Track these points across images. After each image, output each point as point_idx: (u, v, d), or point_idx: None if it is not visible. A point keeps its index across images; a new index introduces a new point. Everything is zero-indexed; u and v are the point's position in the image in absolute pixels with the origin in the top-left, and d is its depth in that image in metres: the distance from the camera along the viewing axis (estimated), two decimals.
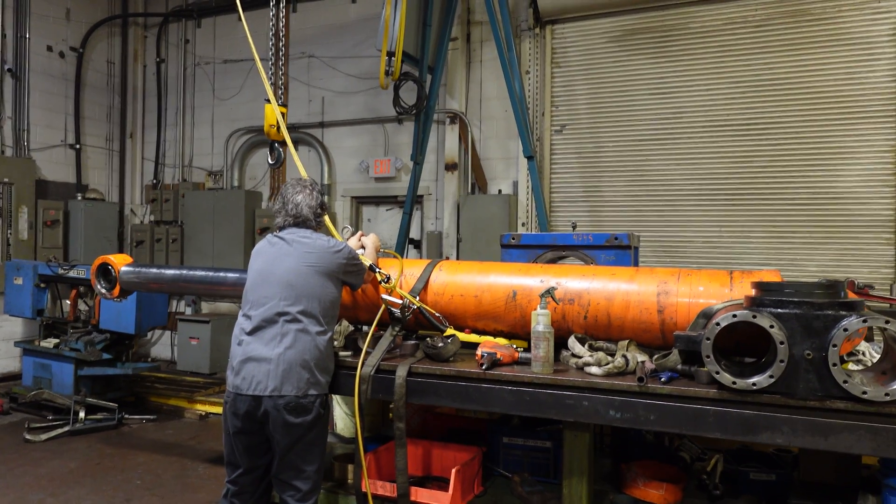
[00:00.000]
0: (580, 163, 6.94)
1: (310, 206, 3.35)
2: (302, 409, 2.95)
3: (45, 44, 8.75)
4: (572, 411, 2.72)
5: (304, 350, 3.00)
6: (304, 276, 3.12)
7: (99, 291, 4.15)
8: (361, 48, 8.18)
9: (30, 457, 5.34)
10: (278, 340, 3.01)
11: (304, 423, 2.96)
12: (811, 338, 2.37)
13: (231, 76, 9.14)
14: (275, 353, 2.98)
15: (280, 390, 2.94)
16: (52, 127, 8.86)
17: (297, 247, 3.21)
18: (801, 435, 2.38)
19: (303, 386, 2.96)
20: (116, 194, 9.75)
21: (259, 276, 3.20)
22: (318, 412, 3.01)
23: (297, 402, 2.94)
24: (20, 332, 8.34)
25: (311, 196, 3.38)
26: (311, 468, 3.03)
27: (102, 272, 4.13)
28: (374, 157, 8.04)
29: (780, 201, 6.10)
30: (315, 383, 3.00)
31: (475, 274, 3.47)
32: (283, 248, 3.22)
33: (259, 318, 3.08)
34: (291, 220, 3.33)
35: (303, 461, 3.02)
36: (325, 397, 3.06)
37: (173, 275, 4.13)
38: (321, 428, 3.07)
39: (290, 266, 3.14)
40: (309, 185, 3.42)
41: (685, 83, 6.44)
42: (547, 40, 7.04)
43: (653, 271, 3.19)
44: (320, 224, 3.44)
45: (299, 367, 2.97)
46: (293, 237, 3.26)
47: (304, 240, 3.24)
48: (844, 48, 5.85)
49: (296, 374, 2.96)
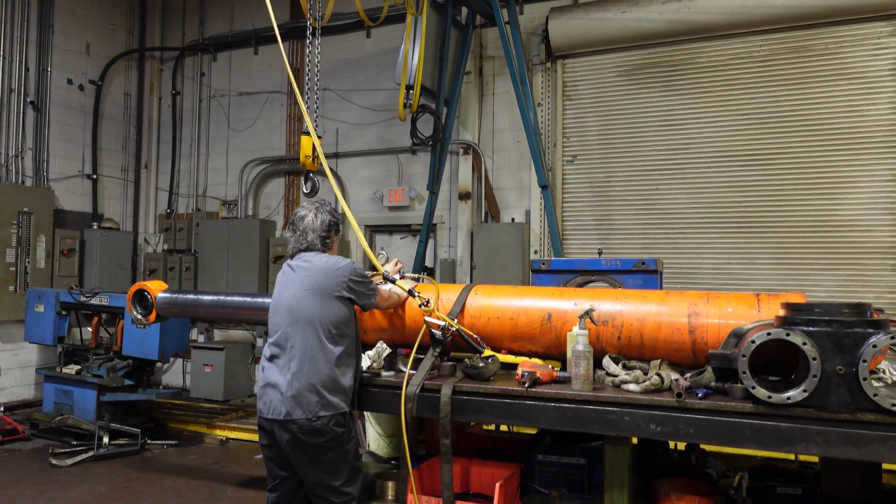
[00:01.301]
0: (591, 192, 7.16)
1: (314, 230, 3.40)
2: (315, 431, 3.08)
3: (66, 77, 9.00)
4: (615, 426, 2.86)
5: (310, 375, 3.11)
6: (303, 302, 3.22)
7: (135, 317, 4.27)
8: (375, 81, 8.44)
9: (58, 481, 5.41)
10: (288, 367, 3.16)
11: (319, 444, 3.10)
12: (842, 354, 2.53)
13: (246, 108, 9.38)
14: (285, 379, 3.13)
15: (291, 415, 3.08)
16: (70, 158, 9.05)
17: (300, 272, 3.31)
18: (835, 445, 2.53)
19: (313, 409, 3.07)
20: (130, 223, 9.91)
21: (274, 305, 3.38)
22: (335, 432, 3.11)
23: (309, 426, 3.07)
24: (35, 359, 8.43)
25: (315, 219, 3.42)
26: (338, 482, 3.16)
27: (138, 298, 4.26)
28: (387, 187, 8.25)
29: (785, 229, 6.32)
30: (325, 405, 3.09)
31: (510, 297, 3.64)
32: (290, 276, 3.36)
33: (273, 345, 3.26)
34: (299, 246, 3.42)
35: (329, 476, 3.15)
36: (340, 416, 3.13)
37: (211, 300, 4.27)
38: (343, 444, 3.16)
39: (293, 293, 3.27)
40: (314, 208, 3.46)
41: (693, 115, 6.70)
42: (558, 74, 7.31)
43: (682, 294, 3.37)
44: (328, 246, 3.45)
45: (307, 391, 3.09)
46: (298, 263, 3.37)
47: (305, 264, 3.34)
48: (846, 82, 6.13)
49: (305, 399, 3.08)
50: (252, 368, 8.74)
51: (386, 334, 3.88)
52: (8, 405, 7.77)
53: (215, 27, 9.66)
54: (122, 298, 6.67)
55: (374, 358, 3.67)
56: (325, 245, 3.43)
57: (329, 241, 3.46)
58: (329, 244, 3.46)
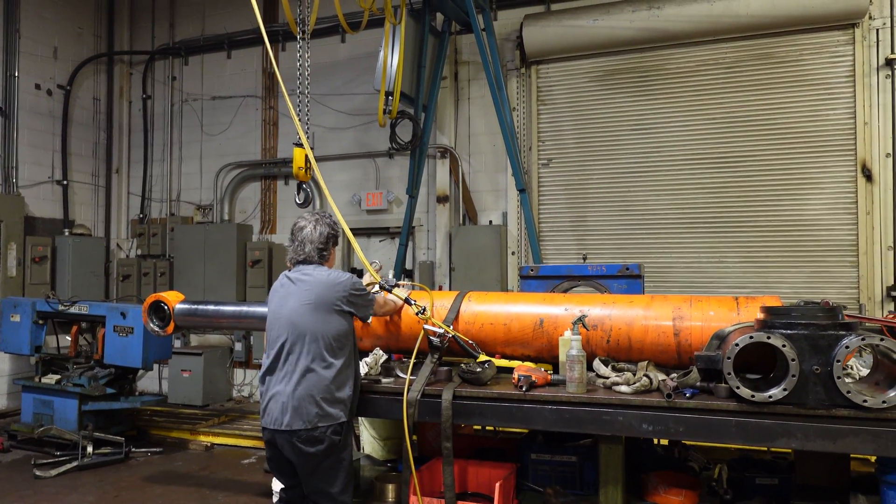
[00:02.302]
0: (567, 194, 7.36)
1: (311, 242, 3.45)
2: (314, 440, 3.20)
3: (34, 82, 8.86)
4: (609, 426, 3.04)
5: (310, 387, 3.21)
6: (304, 316, 3.29)
7: (152, 329, 4.29)
8: (352, 86, 8.51)
9: (45, 492, 5.40)
10: (288, 379, 3.26)
11: (317, 452, 3.21)
12: (818, 355, 2.75)
13: (220, 112, 9.35)
14: (286, 390, 3.24)
15: (291, 425, 3.20)
16: (39, 164, 8.92)
17: (300, 286, 3.37)
18: (813, 440, 2.75)
19: (312, 419, 3.19)
20: (102, 229, 9.80)
21: (272, 317, 3.45)
22: (332, 440, 3.23)
23: (308, 435, 3.19)
24: (7, 368, 8.31)
25: (314, 230, 3.47)
26: (334, 490, 3.28)
27: (154, 309, 4.27)
28: (365, 191, 8.33)
29: (752, 228, 6.60)
30: (324, 416, 3.21)
31: (503, 304, 3.80)
32: (290, 289, 3.41)
33: (273, 358, 3.35)
34: (297, 257, 3.48)
35: (326, 484, 3.28)
36: (338, 425, 3.24)
37: (234, 311, 4.28)
38: (339, 453, 3.28)
39: (292, 307, 3.33)
40: (314, 219, 3.51)
41: (664, 119, 6.94)
42: (532, 79, 7.48)
43: (666, 298, 3.57)
44: (325, 258, 3.51)
45: (307, 403, 3.20)
46: (297, 275, 3.43)
47: (305, 277, 3.39)
48: (807, 88, 6.43)
49: (304, 410, 3.19)
50: (231, 373, 8.75)
51: (382, 341, 4.01)
52: None
53: (186, 31, 9.60)
54: (101, 307, 6.65)
55: (372, 364, 3.78)
56: (322, 258, 3.50)
57: (326, 253, 3.52)
58: (326, 256, 3.53)
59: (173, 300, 4.20)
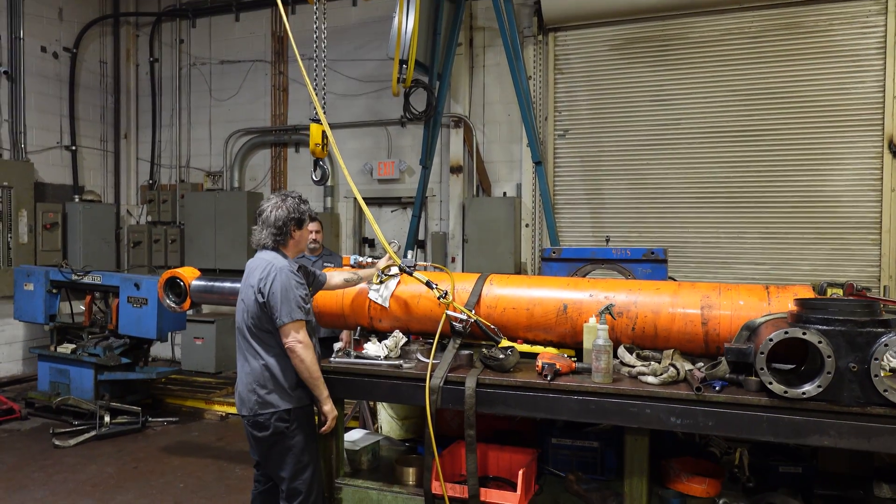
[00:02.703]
0: (583, 166, 7.23)
1: (268, 227, 3.35)
2: (259, 425, 3.29)
3: (39, 45, 8.71)
4: (636, 418, 3.00)
5: (246, 375, 3.32)
6: (242, 305, 3.37)
7: (168, 305, 4.26)
8: (363, 51, 8.32)
9: (65, 462, 5.45)
10: (240, 366, 3.40)
11: (264, 438, 3.30)
12: (855, 352, 2.68)
13: (229, 77, 9.19)
14: (239, 377, 3.40)
15: (240, 412, 3.37)
16: (47, 129, 8.82)
17: (248, 275, 3.36)
18: (847, 437, 2.70)
19: (253, 407, 3.28)
20: (112, 195, 9.74)
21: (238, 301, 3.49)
22: (276, 427, 3.25)
23: (253, 420, 3.29)
24: (21, 335, 8.37)
25: (270, 214, 3.35)
26: (284, 474, 3.32)
27: (171, 285, 4.23)
28: (377, 160, 8.22)
29: (773, 204, 6.49)
30: (263, 403, 3.25)
31: (526, 288, 3.73)
32: (245, 276, 3.40)
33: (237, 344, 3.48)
34: (256, 243, 3.41)
35: (277, 468, 3.35)
36: (283, 412, 3.25)
37: None
38: (287, 440, 3.29)
39: (242, 296, 3.39)
40: (272, 203, 3.37)
41: (684, 91, 6.77)
42: (550, 47, 7.29)
43: (694, 286, 3.49)
44: (281, 243, 3.38)
45: (247, 391, 3.30)
46: (252, 262, 3.40)
47: (253, 265, 3.37)
48: (835, 59, 6.24)
49: (246, 398, 3.31)
50: None
51: (400, 323, 3.96)
52: None
53: None
54: (115, 277, 6.64)
55: (392, 347, 3.75)
56: (277, 243, 3.38)
57: (282, 238, 3.38)
58: (283, 242, 3.39)
59: (189, 276, 4.14)
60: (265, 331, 3.28)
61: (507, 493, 3.33)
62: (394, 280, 3.95)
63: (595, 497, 3.36)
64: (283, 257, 3.39)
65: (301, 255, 5.67)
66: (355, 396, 4.01)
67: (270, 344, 3.28)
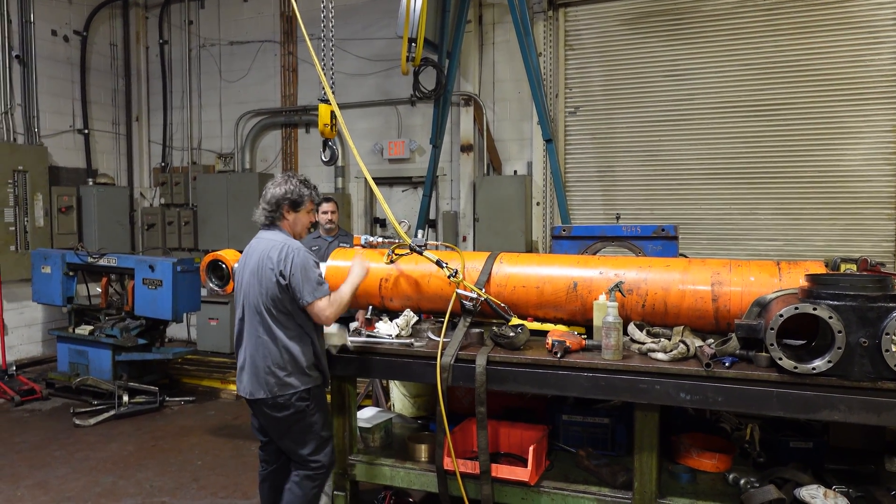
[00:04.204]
0: (594, 144, 7.19)
1: (267, 205, 3.37)
2: (279, 406, 3.27)
3: (50, 28, 8.72)
4: (646, 395, 3.02)
5: (264, 357, 3.25)
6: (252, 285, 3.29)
7: (211, 289, 4.23)
8: (372, 30, 8.27)
9: (85, 441, 5.56)
10: (250, 348, 3.31)
11: (285, 417, 3.29)
12: (865, 327, 2.68)
13: (238, 58, 9.17)
14: (248, 359, 3.31)
15: (254, 395, 3.30)
16: (60, 112, 8.86)
17: (253, 253, 3.33)
18: (857, 412, 2.71)
19: (273, 389, 3.24)
20: (125, 178, 9.80)
21: (236, 285, 3.48)
22: (297, 407, 3.27)
23: (273, 401, 3.26)
24: (40, 317, 8.49)
25: (267, 193, 3.38)
26: (305, 451, 3.36)
27: (213, 268, 4.23)
28: (387, 139, 8.20)
29: (787, 180, 6.42)
30: (283, 385, 3.24)
31: (536, 266, 3.74)
32: (249, 255, 3.37)
33: (238, 326, 3.40)
34: (258, 221, 3.43)
35: (298, 446, 3.37)
36: (304, 391, 3.28)
37: None
38: (308, 418, 3.32)
39: (247, 276, 3.33)
40: (275, 182, 3.39)
41: (697, 65, 6.68)
42: (560, 23, 7.21)
43: (704, 262, 3.49)
44: (275, 221, 3.38)
45: (264, 373, 3.25)
46: (255, 241, 3.38)
47: (258, 244, 3.34)
48: (850, 32, 6.12)
49: (263, 380, 3.26)
50: None
51: (411, 301, 3.99)
52: (19, 363, 7.89)
53: None
54: (130, 259, 6.72)
55: (403, 326, 3.79)
56: (271, 220, 3.39)
57: (276, 216, 3.38)
58: (277, 219, 3.39)
59: (231, 259, 4.12)
60: (284, 312, 3.25)
61: (518, 468, 3.37)
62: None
63: (605, 472, 3.39)
64: (290, 237, 3.40)
65: (317, 234, 5.74)
66: (367, 375, 4.05)
67: (289, 326, 3.26)
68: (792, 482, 3.21)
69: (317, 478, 3.40)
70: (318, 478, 3.41)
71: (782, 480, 3.23)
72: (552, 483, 3.40)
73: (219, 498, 4.52)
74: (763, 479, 3.27)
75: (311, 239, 5.63)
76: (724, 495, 3.23)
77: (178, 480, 4.78)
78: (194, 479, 4.79)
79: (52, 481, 4.77)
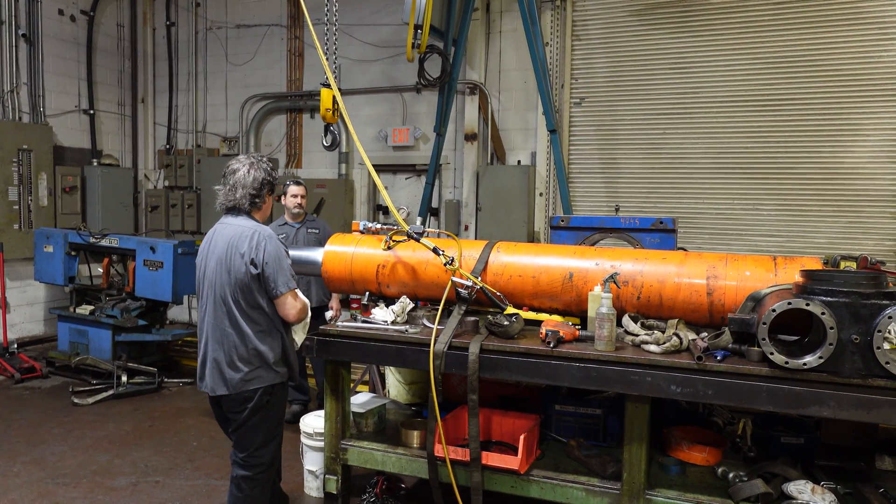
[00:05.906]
0: (598, 135, 7.16)
1: (244, 187, 3.19)
2: (244, 399, 3.16)
3: (57, 7, 8.70)
4: (637, 386, 3.02)
5: (229, 350, 3.13)
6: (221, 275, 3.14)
7: None
8: (379, 16, 8.23)
9: (83, 420, 5.61)
10: (214, 341, 3.18)
11: (245, 410, 3.17)
12: (858, 324, 2.67)
13: (244, 41, 9.15)
14: (211, 354, 3.18)
15: (215, 390, 3.19)
16: (65, 92, 8.87)
17: (221, 240, 3.17)
18: (847, 408, 2.70)
19: (236, 385, 3.13)
20: (129, 159, 9.81)
21: (198, 273, 3.30)
22: (259, 401, 3.16)
23: (237, 396, 3.15)
24: (42, 296, 8.53)
25: (248, 174, 3.19)
26: (253, 444, 3.24)
27: None
28: (392, 126, 8.19)
29: (791, 175, 6.39)
30: (248, 380, 3.13)
31: (532, 255, 3.74)
32: (215, 242, 3.20)
33: (201, 318, 3.25)
34: (227, 204, 3.24)
35: (250, 439, 3.25)
36: (269, 387, 3.18)
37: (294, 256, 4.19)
38: (266, 412, 3.22)
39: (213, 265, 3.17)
40: (249, 162, 3.23)
41: (703, 59, 6.64)
42: (568, 13, 7.17)
43: (700, 256, 3.48)
44: (256, 206, 3.25)
45: (228, 367, 3.13)
46: (222, 227, 3.22)
47: (227, 230, 3.18)
48: (859, 29, 6.06)
49: (227, 375, 3.14)
50: None
51: (408, 288, 3.99)
52: (20, 341, 7.94)
53: None
54: (131, 241, 6.75)
55: (399, 312, 3.79)
56: (253, 205, 3.25)
57: (259, 201, 3.25)
58: (259, 205, 3.27)
59: None
60: (254, 306, 3.13)
61: (508, 456, 3.39)
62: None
63: (595, 463, 3.40)
64: (259, 223, 3.27)
65: (282, 221, 5.62)
66: (361, 360, 4.07)
67: (258, 321, 3.14)
68: (780, 477, 3.21)
69: (256, 479, 3.27)
70: (258, 478, 3.28)
71: (771, 475, 3.24)
72: (542, 472, 3.41)
73: (213, 479, 4.56)
74: (752, 473, 3.28)
75: (276, 226, 5.42)
76: (712, 488, 3.24)
77: (173, 461, 4.82)
78: (189, 460, 4.83)
79: (49, 458, 4.81)
